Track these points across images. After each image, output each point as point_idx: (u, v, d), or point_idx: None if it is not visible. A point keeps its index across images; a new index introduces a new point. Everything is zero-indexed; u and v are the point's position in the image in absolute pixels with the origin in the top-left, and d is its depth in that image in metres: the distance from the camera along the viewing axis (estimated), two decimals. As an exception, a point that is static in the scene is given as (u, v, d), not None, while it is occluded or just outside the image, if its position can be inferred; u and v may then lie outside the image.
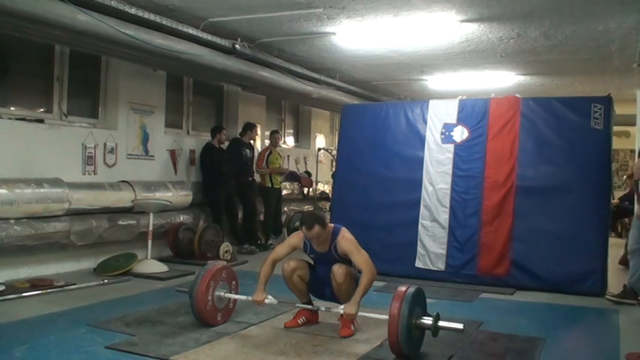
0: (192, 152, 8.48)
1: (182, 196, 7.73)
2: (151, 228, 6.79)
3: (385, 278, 6.13)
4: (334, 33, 7.15)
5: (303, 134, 12.27)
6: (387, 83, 10.98)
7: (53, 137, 6.41)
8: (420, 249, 6.82)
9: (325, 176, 11.94)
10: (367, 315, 4.09)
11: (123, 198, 6.80)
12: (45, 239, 5.92)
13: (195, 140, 8.62)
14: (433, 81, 10.37)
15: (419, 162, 7.01)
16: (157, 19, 6.23)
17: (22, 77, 6.50)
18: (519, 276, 6.39)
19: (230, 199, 8.43)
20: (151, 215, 6.81)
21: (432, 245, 6.77)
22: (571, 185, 6.36)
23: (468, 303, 5.73)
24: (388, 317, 3.71)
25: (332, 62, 9.00)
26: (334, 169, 9.13)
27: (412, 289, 3.81)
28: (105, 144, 7.01)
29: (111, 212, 6.71)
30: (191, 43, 6.71)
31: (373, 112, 7.72)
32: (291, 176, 10.57)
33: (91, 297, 5.40)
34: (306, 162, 11.80)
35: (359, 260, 4.20)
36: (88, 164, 6.81)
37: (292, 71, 8.69)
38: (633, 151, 11.40)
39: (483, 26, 6.81)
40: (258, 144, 9.76)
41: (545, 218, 6.39)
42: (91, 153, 6.83)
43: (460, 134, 6.91)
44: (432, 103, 7.20)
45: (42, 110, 6.67)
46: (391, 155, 7.26)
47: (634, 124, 9.96)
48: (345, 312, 4.08)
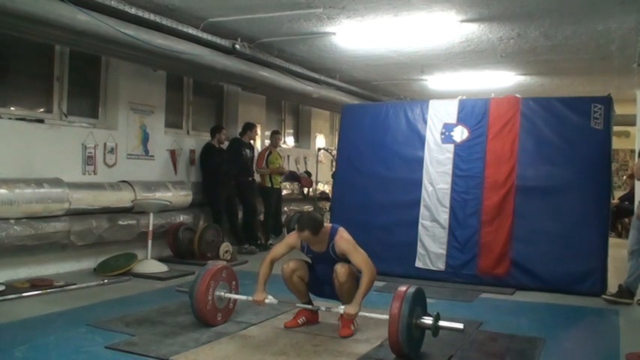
0: (192, 152, 8.48)
1: (182, 196, 7.73)
2: (151, 228, 6.79)
3: (385, 278, 6.14)
4: (334, 33, 7.15)
5: (303, 134, 12.27)
6: (387, 83, 10.98)
7: (53, 137, 6.41)
8: (420, 249, 6.82)
9: (325, 176, 11.94)
10: (367, 315, 4.08)
11: (123, 198, 6.80)
12: (45, 239, 5.92)
13: (195, 140, 8.62)
14: (433, 81, 10.36)
15: (419, 162, 7.01)
16: (157, 19, 6.23)
17: (22, 77, 6.50)
18: (519, 276, 6.40)
19: (230, 199, 8.43)
20: (151, 215, 6.81)
21: (432, 245, 6.78)
22: (571, 185, 6.36)
23: (468, 303, 5.74)
24: (388, 317, 3.71)
25: (332, 62, 9.00)
26: (334, 169, 9.13)
27: (412, 289, 3.81)
28: (105, 144, 7.01)
29: (111, 212, 6.71)
30: (191, 43, 6.71)
31: (373, 112, 7.72)
32: (291, 176, 10.57)
33: (91, 297, 5.40)
34: (306, 162, 11.80)
35: (358, 260, 4.20)
36: (88, 164, 6.81)
37: (292, 71, 8.69)
38: (633, 151, 11.40)
39: (483, 26, 6.81)
40: (258, 144, 9.76)
41: (545, 218, 6.39)
42: (91, 153, 6.83)
43: (460, 134, 6.91)
44: (432, 103, 7.21)
45: (42, 110, 6.67)
46: (391, 155, 7.26)
47: (634, 124, 9.96)
48: (346, 312, 4.08)
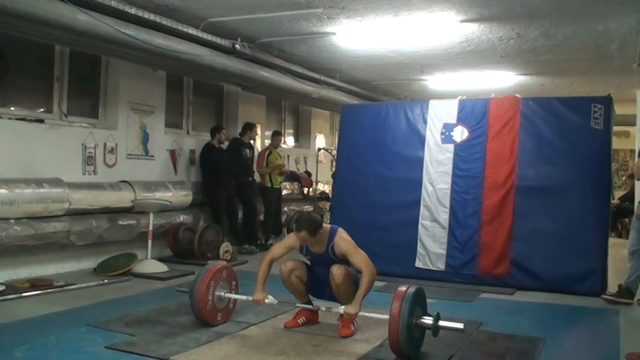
0: (192, 152, 8.48)
1: (182, 196, 7.73)
2: (151, 228, 6.79)
3: (385, 278, 6.14)
4: (334, 33, 7.15)
5: (303, 134, 12.27)
6: (387, 83, 10.98)
7: (53, 137, 6.41)
8: (420, 249, 6.82)
9: (325, 176, 11.94)
10: (367, 315, 4.08)
11: (123, 198, 6.80)
12: (45, 239, 5.92)
13: (195, 140, 8.62)
14: (433, 81, 10.36)
15: (419, 162, 7.01)
16: (157, 19, 6.23)
17: (22, 77, 6.49)
18: (519, 276, 6.40)
19: (230, 199, 8.43)
20: (151, 215, 6.81)
21: (432, 245, 6.77)
22: (571, 185, 6.36)
23: (468, 303, 5.74)
24: (389, 317, 3.71)
25: (332, 62, 9.00)
26: (334, 169, 9.13)
27: (412, 289, 3.81)
28: (105, 144, 7.01)
29: (111, 212, 6.71)
30: (191, 43, 6.71)
31: (373, 112, 7.72)
32: (291, 176, 10.57)
33: (91, 297, 5.40)
34: (306, 162, 11.80)
35: (358, 261, 4.19)
36: (88, 164, 6.81)
37: (292, 71, 8.69)
38: (633, 151, 11.40)
39: (483, 26, 6.81)
40: (258, 144, 9.76)
41: (545, 218, 6.39)
42: (91, 153, 6.83)
43: (460, 134, 6.91)
44: (432, 103, 7.21)
45: (42, 110, 6.67)
46: (391, 155, 7.26)
47: (634, 124, 9.97)
48: (346, 312, 4.08)
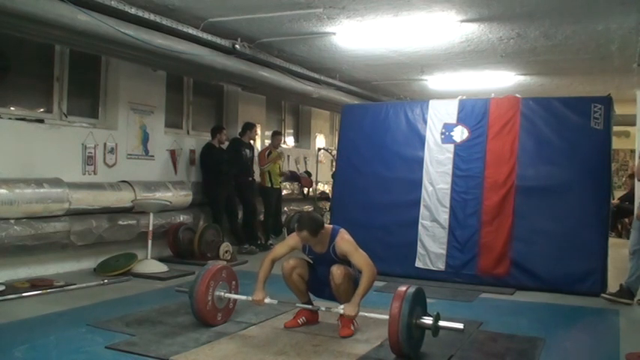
0: (192, 152, 8.48)
1: (182, 196, 7.73)
2: (151, 228, 6.79)
3: (385, 278, 6.13)
4: (334, 33, 7.15)
5: (303, 134, 12.27)
6: (387, 83, 10.98)
7: (53, 137, 6.41)
8: (420, 249, 6.82)
9: (325, 176, 11.93)
10: (367, 315, 4.08)
11: (123, 198, 6.80)
12: (45, 239, 5.92)
13: (195, 140, 8.62)
14: (433, 81, 10.36)
15: (419, 162, 7.01)
16: (157, 19, 6.23)
17: (22, 77, 6.50)
18: (519, 276, 6.40)
19: (230, 199, 8.43)
20: (151, 215, 6.81)
21: (432, 245, 6.77)
22: (571, 185, 6.36)
23: (468, 303, 5.74)
24: (388, 317, 3.71)
25: (332, 62, 9.00)
26: (334, 169, 9.13)
27: (412, 289, 3.81)
28: (105, 144, 7.01)
29: (111, 212, 6.71)
30: (191, 43, 6.71)
31: (373, 112, 7.72)
32: (291, 176, 10.57)
33: (91, 297, 5.40)
34: (306, 162, 11.80)
35: (359, 261, 4.20)
36: (88, 164, 6.81)
37: (292, 71, 8.69)
38: (633, 151, 11.40)
39: (483, 26, 6.81)
40: (258, 144, 9.76)
41: (545, 218, 6.39)
42: (91, 153, 6.83)
43: (460, 134, 6.91)
44: (432, 103, 7.21)
45: (42, 110, 6.67)
46: (391, 155, 7.26)
47: (634, 124, 9.94)
48: (345, 312, 4.08)
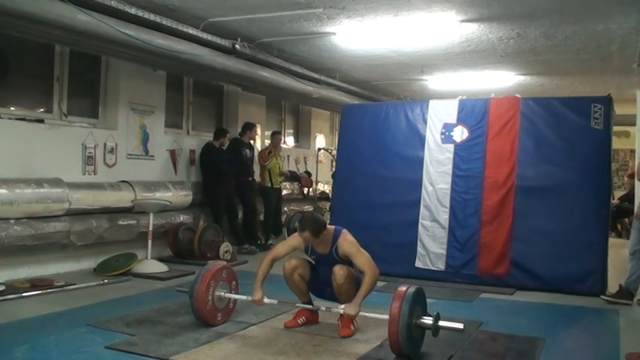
0: (192, 152, 8.48)
1: (182, 196, 7.73)
2: (151, 228, 6.79)
3: (385, 278, 6.12)
4: (334, 33, 7.15)
5: (303, 134, 12.27)
6: (387, 83, 10.98)
7: (53, 137, 6.41)
8: (420, 249, 6.82)
9: (325, 176, 11.94)
10: (367, 315, 4.08)
11: (123, 198, 6.80)
12: (45, 239, 5.92)
13: (195, 140, 8.62)
14: (433, 81, 10.36)
15: (419, 162, 7.01)
16: (157, 19, 6.23)
17: (22, 77, 6.50)
18: (519, 276, 6.40)
19: (230, 199, 8.43)
20: (151, 215, 6.81)
21: (432, 245, 6.77)
22: (571, 185, 6.36)
23: (468, 303, 5.74)
24: (388, 317, 3.71)
25: (332, 62, 9.00)
26: (334, 169, 9.13)
27: (412, 289, 3.81)
28: (105, 144, 7.01)
29: (111, 212, 6.71)
30: (191, 43, 6.71)
31: (373, 112, 7.72)
32: (291, 176, 10.57)
33: (91, 297, 5.40)
34: (306, 162, 11.80)
35: (361, 262, 4.20)
36: (88, 164, 6.81)
37: (292, 71, 8.69)
38: (633, 151, 11.40)
39: (483, 26, 6.81)
40: (258, 144, 9.76)
41: (545, 218, 6.39)
42: (91, 153, 6.83)
43: (460, 134, 6.91)
44: (432, 103, 7.21)
45: (42, 110, 6.67)
46: (391, 155, 7.26)
47: (634, 124, 9.96)
48: (346, 312, 4.08)
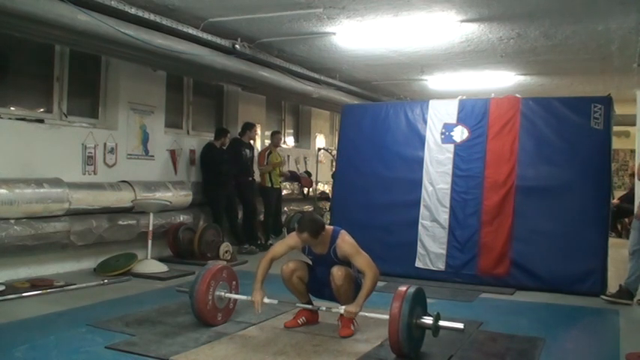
0: (192, 152, 8.48)
1: (182, 196, 7.73)
2: (151, 228, 6.79)
3: (385, 278, 6.11)
4: (334, 33, 7.15)
5: (303, 134, 12.27)
6: (387, 83, 10.98)
7: (53, 137, 6.41)
8: (420, 249, 6.82)
9: (325, 176, 11.94)
10: (367, 315, 4.08)
11: (123, 198, 6.80)
12: (45, 239, 5.92)
13: (195, 140, 8.62)
14: (433, 81, 10.37)
15: (419, 162, 7.01)
16: (157, 19, 6.23)
17: (22, 77, 6.50)
18: (519, 276, 6.40)
19: (230, 199, 8.43)
20: (151, 215, 6.81)
21: (432, 245, 6.77)
22: (571, 185, 6.36)
23: (468, 303, 5.74)
24: (389, 317, 3.71)
25: (332, 62, 9.00)
26: (334, 169, 9.13)
27: (412, 289, 3.82)
28: (105, 144, 7.01)
29: (111, 212, 6.71)
30: (191, 43, 6.71)
31: (373, 112, 7.72)
32: (291, 176, 10.57)
33: (91, 297, 5.40)
34: (306, 162, 11.80)
35: (361, 263, 4.20)
36: (88, 164, 6.81)
37: (292, 71, 8.69)
38: (633, 151, 11.39)
39: (483, 26, 6.81)
40: (258, 144, 9.76)
41: (545, 218, 6.39)
42: (91, 153, 6.83)
43: (460, 134, 6.91)
44: (432, 103, 7.20)
45: (42, 110, 6.67)
46: (391, 155, 7.26)
47: (634, 124, 9.95)
48: (347, 310, 4.08)
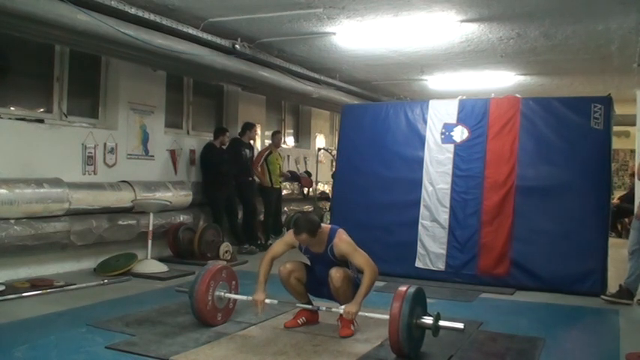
0: (192, 152, 8.48)
1: (182, 196, 7.73)
2: (151, 228, 6.79)
3: (385, 278, 6.12)
4: (334, 33, 7.15)
5: (303, 134, 12.27)
6: (387, 83, 10.98)
7: (53, 137, 6.41)
8: (420, 249, 6.82)
9: (325, 176, 11.94)
10: (367, 315, 4.08)
11: (123, 198, 6.80)
12: (45, 239, 5.92)
13: (195, 140, 8.62)
14: (433, 81, 10.36)
15: (419, 162, 7.01)
16: (157, 19, 6.23)
17: (22, 77, 6.49)
18: (519, 276, 6.40)
19: (230, 199, 8.43)
20: (151, 215, 6.81)
21: (432, 245, 6.77)
22: (571, 185, 6.36)
23: (468, 303, 5.74)
24: (389, 317, 3.71)
25: (332, 62, 9.00)
26: (334, 169, 9.13)
27: (413, 289, 3.82)
28: (105, 144, 7.01)
29: (111, 212, 6.71)
30: (191, 43, 6.71)
31: (373, 112, 7.72)
32: (291, 176, 10.58)
33: (91, 297, 5.40)
34: (306, 162, 11.80)
35: (359, 261, 4.19)
36: (88, 164, 6.81)
37: (292, 71, 8.69)
38: (633, 151, 11.39)
39: (483, 26, 6.81)
40: (258, 144, 9.76)
41: (545, 218, 6.39)
42: (91, 153, 6.83)
43: (460, 134, 6.91)
44: (432, 103, 7.20)
45: (42, 110, 6.67)
46: (391, 155, 7.26)
47: (634, 124, 9.94)
48: (346, 310, 4.08)
